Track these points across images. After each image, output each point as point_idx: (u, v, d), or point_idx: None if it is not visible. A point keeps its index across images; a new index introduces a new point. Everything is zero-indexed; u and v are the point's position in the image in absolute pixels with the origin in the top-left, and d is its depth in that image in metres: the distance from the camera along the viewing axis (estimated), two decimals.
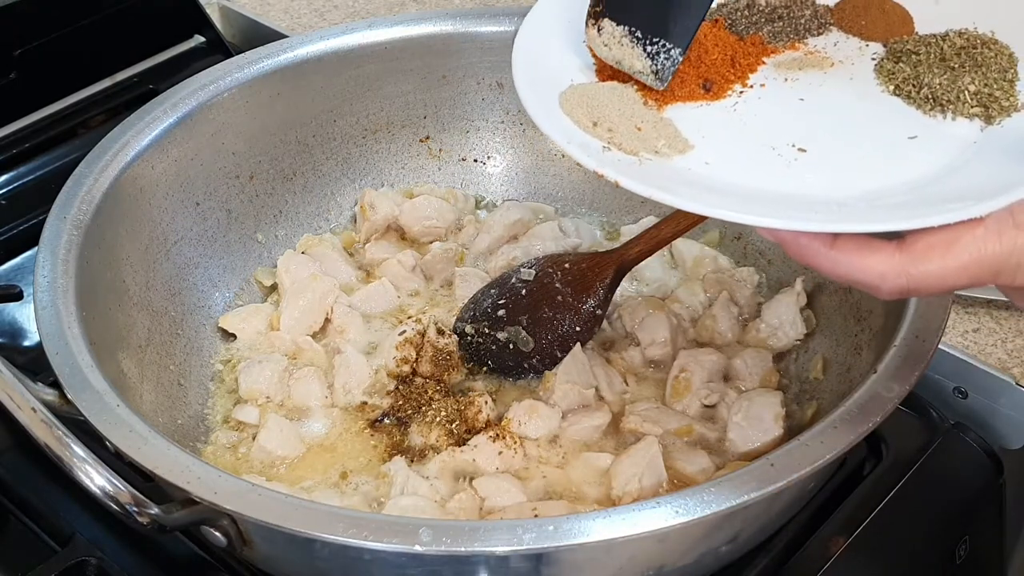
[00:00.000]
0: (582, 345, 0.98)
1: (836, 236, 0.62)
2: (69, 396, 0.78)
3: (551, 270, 1.01)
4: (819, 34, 0.82)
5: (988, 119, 0.72)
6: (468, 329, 1.01)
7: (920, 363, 0.78)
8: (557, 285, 1.00)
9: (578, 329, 0.99)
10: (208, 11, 1.45)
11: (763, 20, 0.82)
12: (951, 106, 0.73)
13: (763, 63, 0.79)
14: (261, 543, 0.75)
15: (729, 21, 0.81)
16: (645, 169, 0.69)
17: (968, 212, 0.60)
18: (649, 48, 0.72)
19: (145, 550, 0.89)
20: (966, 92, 0.72)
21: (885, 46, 0.79)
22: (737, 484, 0.70)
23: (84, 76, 1.35)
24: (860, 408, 0.74)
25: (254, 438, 0.95)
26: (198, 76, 1.07)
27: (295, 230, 1.16)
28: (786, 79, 0.78)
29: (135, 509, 0.72)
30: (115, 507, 0.72)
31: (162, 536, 0.88)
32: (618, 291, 1.01)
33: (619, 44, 0.73)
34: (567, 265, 1.01)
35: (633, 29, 0.72)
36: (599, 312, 0.99)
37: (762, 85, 0.77)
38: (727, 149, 0.72)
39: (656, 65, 0.72)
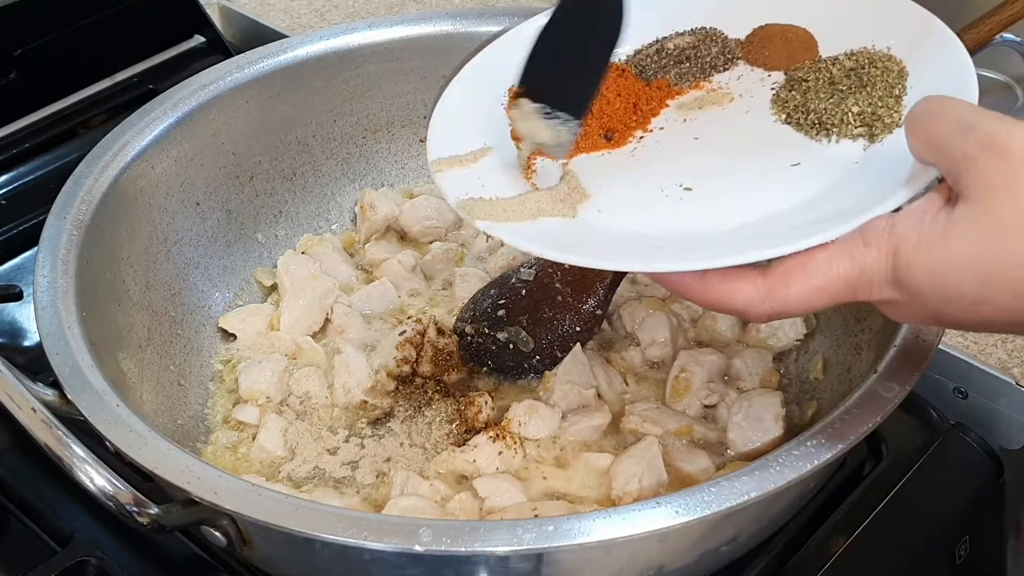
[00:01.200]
0: (582, 345, 0.98)
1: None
2: (69, 396, 0.78)
3: (551, 270, 1.01)
4: (725, 69, 0.82)
5: (872, 138, 0.72)
6: (468, 329, 1.01)
7: (920, 363, 0.78)
8: (557, 285, 1.00)
9: (578, 329, 0.99)
10: (208, 11, 1.45)
11: (671, 63, 0.83)
12: (835, 129, 0.73)
13: (666, 106, 0.81)
14: (261, 543, 0.75)
15: (639, 68, 0.83)
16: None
17: (810, 240, 0.62)
18: (553, 121, 0.76)
19: (145, 550, 0.89)
20: (850, 114, 0.73)
21: (786, 75, 0.80)
22: (737, 484, 0.70)
23: (84, 76, 1.35)
24: (860, 408, 0.74)
25: (254, 438, 0.95)
26: (198, 76, 1.07)
27: (295, 230, 1.16)
28: (684, 119, 0.79)
29: (135, 509, 0.72)
30: (115, 507, 0.72)
31: (162, 536, 0.88)
32: (618, 291, 1.01)
33: (531, 119, 0.77)
34: (567, 265, 1.01)
35: (542, 106, 0.76)
36: (599, 312, 0.99)
37: (661, 128, 0.79)
38: (620, 195, 0.75)
39: (559, 137, 0.76)
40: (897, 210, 0.62)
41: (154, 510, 0.72)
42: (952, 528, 0.92)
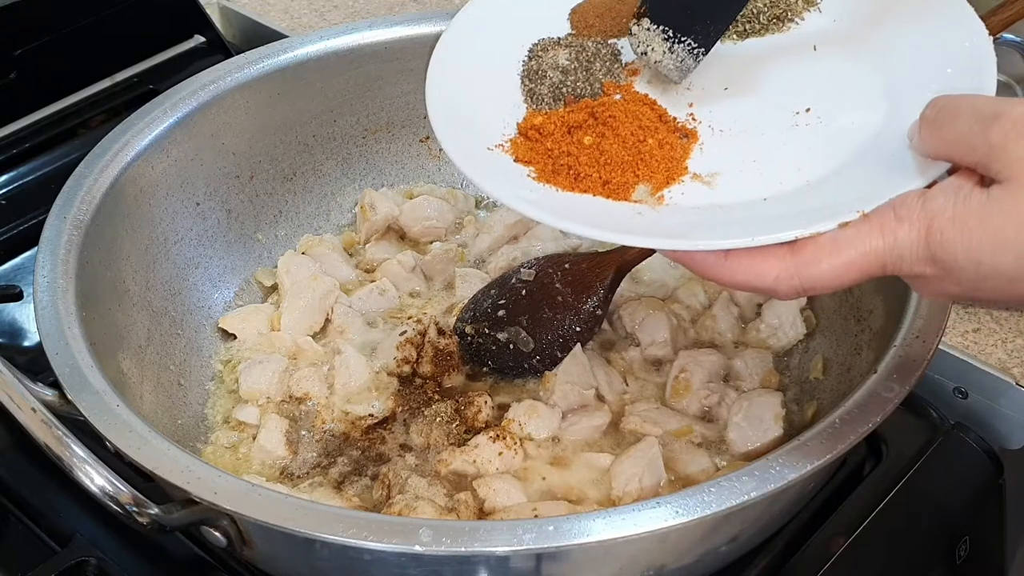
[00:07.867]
0: (582, 345, 0.98)
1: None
2: (69, 396, 0.78)
3: (551, 270, 1.01)
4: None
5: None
6: (468, 329, 1.01)
7: (920, 363, 0.78)
8: (557, 285, 1.00)
9: (578, 329, 0.99)
10: (208, 11, 1.45)
11: (567, 78, 0.80)
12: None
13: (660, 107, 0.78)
14: (261, 543, 0.75)
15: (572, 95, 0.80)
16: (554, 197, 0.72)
17: (843, 217, 0.61)
18: (677, 47, 0.77)
19: (145, 550, 0.89)
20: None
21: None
22: (737, 484, 0.70)
23: (84, 76, 1.35)
24: (860, 408, 0.74)
25: (254, 438, 0.95)
26: (198, 76, 1.07)
27: (295, 230, 1.16)
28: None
29: (135, 509, 0.72)
30: (115, 507, 0.72)
31: (162, 536, 0.88)
32: (618, 291, 1.01)
33: (652, 39, 0.78)
34: (567, 265, 1.01)
35: (667, 29, 0.77)
36: (599, 312, 0.99)
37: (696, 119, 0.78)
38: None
39: (679, 61, 0.77)
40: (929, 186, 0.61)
41: (154, 510, 0.72)
42: (952, 528, 0.92)
